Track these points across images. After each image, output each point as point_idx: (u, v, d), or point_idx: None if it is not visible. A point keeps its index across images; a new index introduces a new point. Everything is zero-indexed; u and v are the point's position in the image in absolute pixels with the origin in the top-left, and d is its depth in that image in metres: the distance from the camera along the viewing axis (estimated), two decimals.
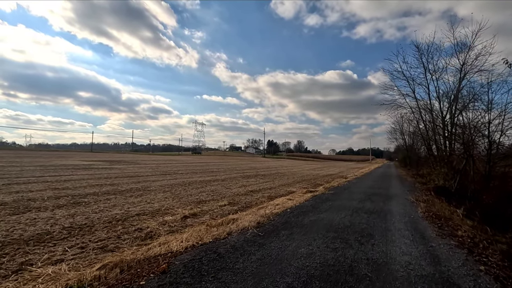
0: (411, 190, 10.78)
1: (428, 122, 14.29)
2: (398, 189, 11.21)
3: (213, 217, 5.78)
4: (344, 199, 8.11)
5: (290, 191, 10.49)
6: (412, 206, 7.40)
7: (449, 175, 9.03)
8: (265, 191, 10.23)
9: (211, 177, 15.69)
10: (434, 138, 13.66)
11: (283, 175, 19.28)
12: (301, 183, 13.80)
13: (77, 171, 15.75)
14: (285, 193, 9.73)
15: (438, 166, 11.06)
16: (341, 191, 9.92)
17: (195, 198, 8.19)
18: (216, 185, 11.72)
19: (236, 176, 16.64)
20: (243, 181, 13.81)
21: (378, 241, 4.19)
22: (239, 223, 4.62)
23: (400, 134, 39.14)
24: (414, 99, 14.25)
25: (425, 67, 13.96)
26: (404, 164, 42.57)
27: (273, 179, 16.12)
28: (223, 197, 8.47)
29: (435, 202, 7.22)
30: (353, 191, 10.04)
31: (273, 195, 9.19)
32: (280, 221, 5.24)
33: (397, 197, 9.07)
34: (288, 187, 11.99)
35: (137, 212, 5.93)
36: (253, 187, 11.43)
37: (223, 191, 9.85)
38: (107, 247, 3.70)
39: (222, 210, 6.52)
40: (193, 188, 10.44)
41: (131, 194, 8.44)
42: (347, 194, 9.16)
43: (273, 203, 7.02)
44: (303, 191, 9.69)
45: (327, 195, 8.89)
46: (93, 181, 11.43)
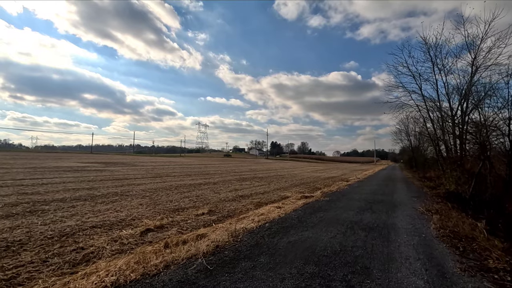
0: (419, 197, 9.57)
1: (436, 120, 13.23)
2: (404, 195, 9.99)
3: (182, 230, 4.85)
4: (340, 209, 6.98)
5: (283, 196, 9.52)
6: (422, 219, 6.06)
7: (462, 179, 8.02)
8: (256, 196, 9.28)
9: (204, 180, 14.79)
10: (443, 138, 12.59)
11: (281, 178, 18.31)
12: (298, 187, 12.81)
13: (64, 174, 14.98)
14: (277, 199, 8.77)
15: (449, 169, 10.01)
16: (339, 198, 8.83)
17: (174, 205, 7.27)
18: (205, 189, 10.81)
19: (231, 179, 15.71)
20: (237, 185, 12.87)
21: (376, 283, 2.85)
22: (198, 245, 3.67)
23: (405, 135, 37.75)
24: (421, 96, 13.20)
25: (433, 62, 12.91)
26: (409, 166, 41.22)
27: (270, 182, 15.16)
28: (206, 204, 7.54)
29: (450, 213, 5.97)
30: (352, 198, 8.91)
31: (263, 201, 8.23)
32: (248, 243, 4.04)
33: (403, 205, 7.81)
34: (283, 191, 11.01)
35: (94, 224, 5.02)
36: (244, 192, 10.49)
37: (209, 196, 8.93)
38: (15, 279, 2.78)
39: (197, 220, 5.58)
40: (178, 193, 9.53)
41: (103, 200, 7.56)
42: (345, 201, 8.04)
43: (257, 212, 6.06)
44: (297, 197, 8.72)
45: (322, 202, 7.83)
46: (72, 184, 10.59)
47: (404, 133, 37.82)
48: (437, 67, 13.13)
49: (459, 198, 7.59)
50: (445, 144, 12.52)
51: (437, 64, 13.09)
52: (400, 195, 9.99)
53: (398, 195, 9.96)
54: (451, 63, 12.51)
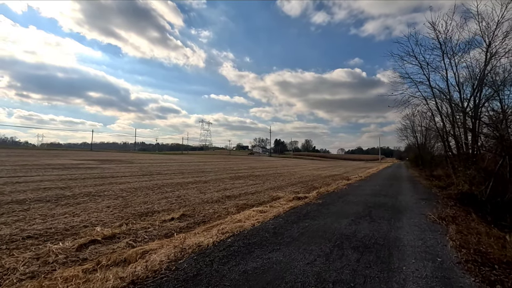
0: (428, 199, 8.35)
1: (445, 114, 12.13)
2: (411, 197, 8.82)
3: (134, 241, 3.96)
4: (332, 215, 5.79)
5: (275, 197, 8.59)
6: (434, 231, 4.72)
7: (477, 178, 7.00)
8: (244, 198, 8.37)
9: (196, 178, 13.93)
10: (453, 133, 11.50)
11: (279, 176, 17.38)
12: (294, 186, 11.86)
13: (51, 171, 14.26)
14: (266, 200, 7.85)
15: (461, 167, 8.97)
16: (334, 200, 7.74)
17: (146, 207, 6.40)
18: (192, 189, 9.94)
19: (225, 177, 14.83)
20: (228, 184, 11.98)
21: None
22: (127, 269, 2.75)
23: (411, 132, 36.42)
24: (429, 87, 12.09)
25: (442, 50, 11.77)
26: (415, 163, 39.85)
27: (265, 180, 14.24)
28: (184, 206, 6.65)
29: (469, 222, 4.84)
30: (350, 200, 7.79)
31: (249, 203, 7.30)
32: (185, 273, 2.85)
33: (410, 211, 6.56)
34: (276, 191, 10.08)
35: (33, 233, 4.16)
36: (233, 192, 9.59)
37: (192, 197, 8.05)
38: None
39: (160, 229, 4.69)
40: (159, 193, 8.68)
41: (68, 201, 6.72)
42: (340, 205, 6.90)
43: (234, 218, 5.14)
44: (289, 198, 7.78)
45: (313, 206, 6.69)
46: (48, 183, 9.81)
47: (410, 130, 36.50)
48: (447, 56, 11.99)
49: (474, 201, 6.58)
50: (456, 139, 11.42)
51: (447, 52, 11.95)
52: (406, 197, 8.84)
53: (404, 197, 8.81)
54: (463, 51, 11.37)
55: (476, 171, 7.20)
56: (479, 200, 6.44)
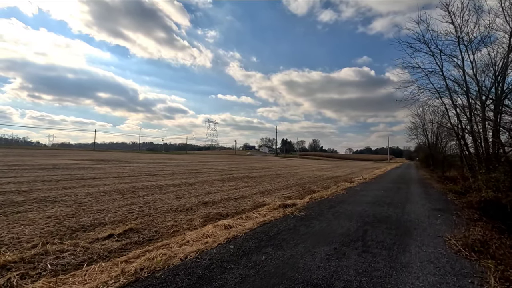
0: (444, 210, 6.57)
1: (461, 107, 10.62)
2: (422, 207, 7.03)
3: (23, 276, 2.82)
4: (309, 238, 4.10)
5: (259, 203, 7.38)
6: (463, 277, 2.93)
7: (506, 183, 5.63)
8: (222, 204, 7.19)
9: (184, 180, 12.84)
10: (470, 129, 10.03)
11: (277, 178, 16.13)
12: (289, 190, 10.61)
13: (34, 172, 13.45)
14: (247, 209, 6.64)
15: (483, 169, 7.54)
16: (323, 211, 6.11)
17: (94, 218, 5.29)
18: (169, 193, 8.83)
19: (216, 179, 13.69)
20: (215, 187, 10.83)
21: None
22: None
23: (421, 130, 34.49)
24: (442, 78, 10.61)
25: (458, 35, 10.29)
26: (426, 164, 37.86)
27: (260, 182, 13.03)
28: (142, 217, 5.52)
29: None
30: (343, 212, 6.09)
31: (224, 213, 6.11)
32: None
33: (422, 230, 4.75)
34: (265, 196, 8.87)
35: None
36: (215, 196, 8.43)
37: (161, 204, 6.93)
38: None
39: (79, 253, 3.54)
40: (128, 198, 7.60)
41: (8, 209, 5.68)
42: (327, 220, 5.20)
43: (185, 238, 3.93)
44: (273, 206, 6.55)
45: (292, 220, 5.09)
46: (14, 185, 8.87)
47: (420, 128, 34.59)
48: (463, 42, 10.51)
49: (503, 212, 5.21)
50: (473, 136, 9.95)
51: (463, 38, 10.47)
52: (416, 207, 7.02)
53: (413, 207, 7.02)
54: (482, 35, 9.88)
55: (505, 174, 5.83)
56: (510, 211, 5.08)
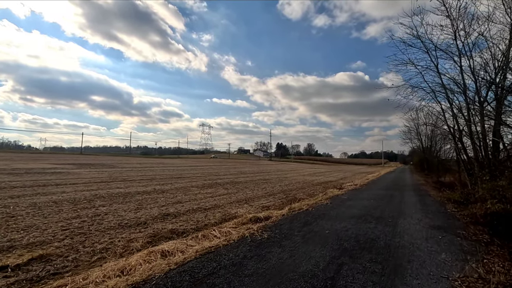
0: (446, 228, 5.13)
1: (457, 107, 9.79)
2: (418, 224, 5.53)
3: None
4: (256, 282, 2.79)
5: (229, 216, 6.35)
6: None
7: None
8: (185, 217, 6.15)
9: (159, 186, 11.74)
10: (468, 131, 9.18)
11: (264, 183, 15.11)
12: (270, 198, 9.58)
13: None
14: (211, 223, 5.60)
15: (486, 175, 6.63)
16: (294, 230, 4.72)
17: (8, 238, 4.20)
18: (132, 202, 7.75)
19: (196, 185, 12.60)
20: (190, 194, 9.78)
21: None
22: None
23: (415, 134, 33.94)
24: (437, 75, 9.78)
25: (454, 29, 9.48)
26: (420, 168, 37.23)
27: (242, 189, 11.98)
28: (71, 237, 4.44)
29: None
30: (318, 232, 4.67)
31: (180, 230, 5.05)
32: None
33: (419, 264, 3.36)
34: (240, 205, 7.84)
35: None
36: (183, 207, 7.38)
37: (112, 217, 5.85)
38: None
39: None
40: (79, 209, 6.51)
41: None
42: (292, 248, 3.79)
43: (81, 280, 2.85)
44: (244, 220, 5.53)
45: (248, 246, 3.80)
46: None
47: (414, 132, 34.06)
48: (459, 38, 9.72)
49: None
50: (472, 139, 9.11)
51: (459, 33, 9.68)
52: (411, 223, 5.55)
53: (407, 223, 5.53)
54: (480, 28, 9.08)
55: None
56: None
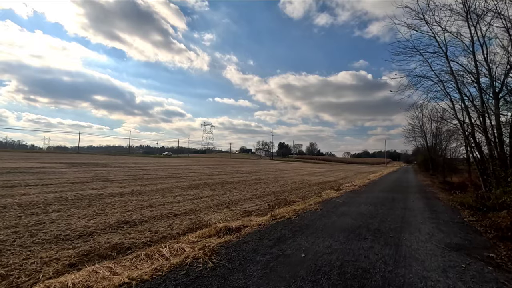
0: (467, 248, 3.89)
1: (470, 99, 8.65)
2: (429, 242, 4.20)
3: None
4: None
5: (200, 224, 5.33)
6: None
7: None
8: (145, 226, 5.14)
9: (140, 187, 10.77)
10: (482, 125, 8.07)
11: (258, 183, 14.09)
12: (258, 200, 8.56)
13: None
14: (170, 236, 4.58)
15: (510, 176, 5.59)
16: (259, 252, 3.56)
17: None
18: (97, 206, 6.79)
19: (180, 186, 11.61)
20: (169, 196, 8.80)
21: None
22: None
23: (419, 132, 32.66)
24: (446, 61, 8.66)
25: (466, 9, 8.38)
26: (425, 167, 35.92)
27: (231, 190, 10.96)
28: None
29: None
30: (289, 256, 3.47)
31: (122, 246, 4.03)
32: None
33: None
34: (220, 210, 6.83)
35: None
36: (152, 212, 6.38)
37: (54, 227, 4.86)
38: None
39: None
40: (26, 215, 5.56)
41: None
42: (248, 280, 2.72)
43: None
44: (210, 231, 4.50)
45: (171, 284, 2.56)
46: None
47: (418, 130, 32.79)
48: (471, 20, 8.61)
49: None
50: (486, 134, 8.00)
51: (471, 14, 8.57)
52: (419, 242, 4.20)
53: (414, 242, 4.19)
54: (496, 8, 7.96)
55: None
56: None
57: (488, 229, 4.63)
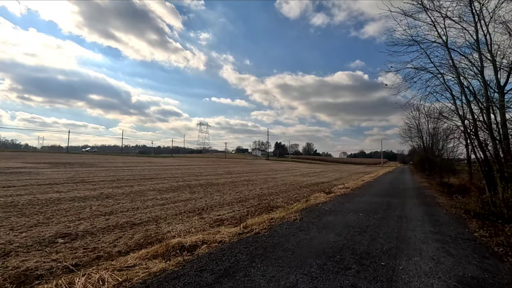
0: (490, 285, 2.73)
1: (473, 93, 7.81)
2: (435, 269, 3.13)
3: None
4: None
5: (152, 238, 4.41)
6: None
7: None
8: (85, 241, 4.22)
9: (113, 190, 9.84)
10: (487, 123, 7.26)
11: (245, 185, 13.19)
12: (238, 205, 7.66)
13: None
14: (106, 256, 3.66)
15: None
16: (204, 286, 2.52)
17: None
18: (40, 214, 5.81)
19: (158, 188, 10.67)
20: (139, 201, 7.87)
21: None
22: None
23: (416, 131, 32.00)
24: (446, 50, 7.82)
25: None
26: (421, 168, 35.24)
27: (213, 192, 10.05)
28: None
29: None
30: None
31: (30, 274, 3.11)
32: None
33: None
34: (187, 219, 5.92)
35: None
36: (106, 222, 5.45)
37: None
38: None
39: None
40: None
41: None
42: None
43: None
44: (160, 249, 3.58)
45: None
46: None
47: (415, 130, 32.13)
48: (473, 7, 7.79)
49: None
50: (491, 132, 7.20)
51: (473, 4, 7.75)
52: (423, 272, 3.07)
53: (416, 274, 3.02)
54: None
55: None
56: None
57: (508, 250, 3.71)
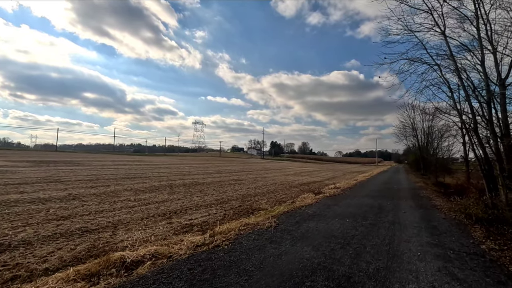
0: None
1: (471, 86, 7.22)
2: None
3: None
4: None
5: (97, 250, 3.71)
6: None
7: None
8: (16, 253, 3.48)
9: (86, 189, 9.08)
10: (488, 118, 6.69)
11: (232, 184, 12.51)
12: (216, 208, 6.98)
13: None
14: (24, 276, 2.94)
15: None
16: None
17: None
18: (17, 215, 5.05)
19: (136, 188, 9.93)
20: (108, 202, 7.13)
21: None
22: None
23: (411, 130, 31.72)
24: (443, 38, 7.22)
25: None
26: (416, 167, 34.97)
27: (194, 193, 9.35)
28: None
29: None
30: None
31: None
32: None
33: None
34: (153, 225, 5.22)
35: None
36: (56, 228, 4.74)
37: None
38: None
39: None
40: None
41: None
42: None
43: None
44: (97, 266, 2.87)
45: None
46: None
47: (410, 128, 31.86)
48: None
49: None
50: (493, 128, 6.63)
51: None
52: None
53: None
54: None
55: None
56: None
57: None
